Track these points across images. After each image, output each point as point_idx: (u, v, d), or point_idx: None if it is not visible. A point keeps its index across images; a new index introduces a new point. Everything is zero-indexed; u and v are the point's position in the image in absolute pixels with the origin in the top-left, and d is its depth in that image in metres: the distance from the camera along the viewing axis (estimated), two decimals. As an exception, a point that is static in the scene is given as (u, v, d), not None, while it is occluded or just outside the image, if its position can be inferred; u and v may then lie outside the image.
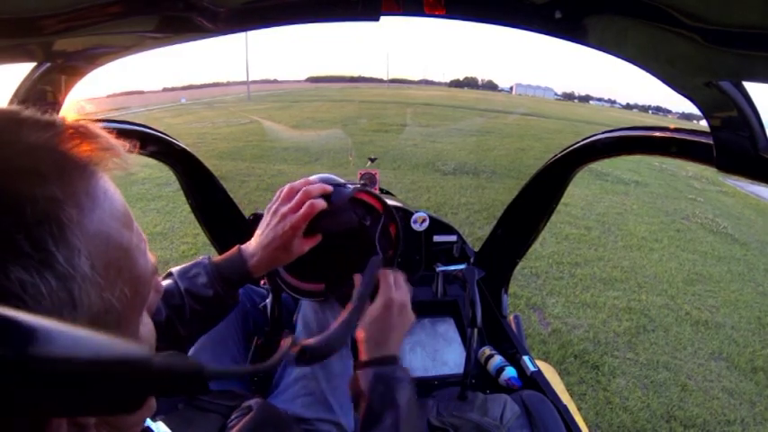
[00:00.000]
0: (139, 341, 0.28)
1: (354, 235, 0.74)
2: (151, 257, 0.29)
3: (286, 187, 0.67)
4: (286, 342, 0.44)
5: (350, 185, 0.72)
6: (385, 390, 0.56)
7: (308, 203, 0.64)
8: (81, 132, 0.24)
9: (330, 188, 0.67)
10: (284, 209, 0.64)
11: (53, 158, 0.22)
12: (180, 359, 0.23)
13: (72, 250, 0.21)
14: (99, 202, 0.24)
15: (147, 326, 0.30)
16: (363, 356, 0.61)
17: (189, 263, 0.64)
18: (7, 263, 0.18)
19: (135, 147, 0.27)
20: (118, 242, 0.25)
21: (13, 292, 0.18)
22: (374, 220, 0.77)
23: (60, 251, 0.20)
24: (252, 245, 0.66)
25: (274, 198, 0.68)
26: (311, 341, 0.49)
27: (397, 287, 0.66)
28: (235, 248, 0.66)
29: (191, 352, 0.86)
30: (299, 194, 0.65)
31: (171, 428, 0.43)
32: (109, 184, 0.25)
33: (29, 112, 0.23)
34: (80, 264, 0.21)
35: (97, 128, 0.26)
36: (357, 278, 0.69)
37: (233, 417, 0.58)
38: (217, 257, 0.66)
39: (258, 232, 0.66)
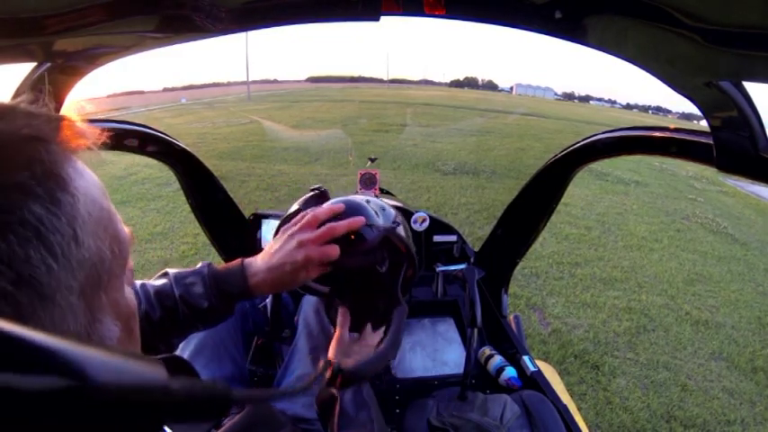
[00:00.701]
0: (126, 303, 0.31)
1: (364, 273, 0.73)
2: (126, 228, 0.32)
3: (309, 214, 0.64)
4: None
5: (379, 224, 0.68)
6: (353, 392, 0.62)
7: (334, 248, 0.61)
8: (64, 119, 0.28)
9: (358, 225, 0.64)
10: (303, 237, 0.61)
11: (49, 132, 0.26)
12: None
13: (73, 197, 0.26)
14: (85, 171, 0.28)
15: (130, 295, 0.33)
16: None
17: (188, 269, 0.62)
18: (28, 203, 0.23)
19: (104, 133, 0.31)
20: (101, 204, 0.29)
21: (32, 224, 0.22)
22: (394, 266, 0.74)
23: (65, 197, 0.25)
24: (258, 263, 0.62)
25: (294, 220, 0.65)
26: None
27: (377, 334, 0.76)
28: (238, 261, 0.63)
29: (189, 353, 0.86)
30: (323, 229, 0.62)
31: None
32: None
33: (18, 104, 0.27)
34: (80, 209, 0.26)
35: (74, 118, 0.29)
36: (342, 312, 0.74)
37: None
38: (219, 266, 0.63)
39: (267, 251, 0.63)
